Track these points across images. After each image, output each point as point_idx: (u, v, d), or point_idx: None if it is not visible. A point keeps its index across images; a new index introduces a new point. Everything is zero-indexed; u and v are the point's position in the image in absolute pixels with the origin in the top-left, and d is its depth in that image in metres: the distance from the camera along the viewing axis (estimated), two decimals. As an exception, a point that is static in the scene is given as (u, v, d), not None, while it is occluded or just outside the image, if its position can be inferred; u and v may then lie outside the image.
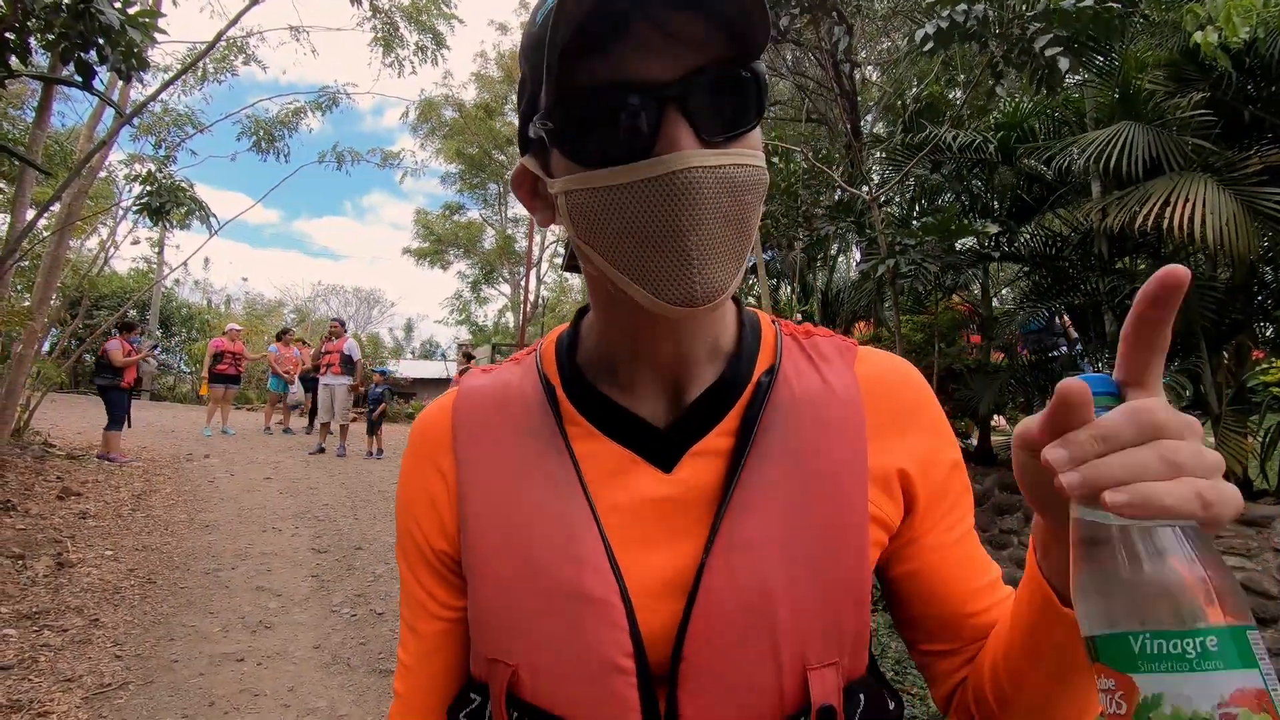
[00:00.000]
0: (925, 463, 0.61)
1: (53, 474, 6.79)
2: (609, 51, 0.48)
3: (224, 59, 9.53)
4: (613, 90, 0.48)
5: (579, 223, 0.52)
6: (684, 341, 0.58)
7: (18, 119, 7.54)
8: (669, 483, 0.57)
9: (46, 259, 6.88)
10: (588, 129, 0.50)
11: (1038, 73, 3.84)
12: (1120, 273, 4.73)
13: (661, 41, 0.48)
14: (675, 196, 0.47)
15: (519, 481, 0.59)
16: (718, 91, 0.49)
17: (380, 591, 4.73)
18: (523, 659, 0.55)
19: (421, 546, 0.64)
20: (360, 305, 39.00)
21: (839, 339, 0.66)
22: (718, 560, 0.53)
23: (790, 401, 0.59)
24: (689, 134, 0.48)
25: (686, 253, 0.48)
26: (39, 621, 3.74)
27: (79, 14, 3.65)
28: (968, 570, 0.62)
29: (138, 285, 16.54)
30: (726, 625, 0.53)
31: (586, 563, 0.54)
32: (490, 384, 0.65)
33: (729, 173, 0.49)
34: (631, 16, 0.47)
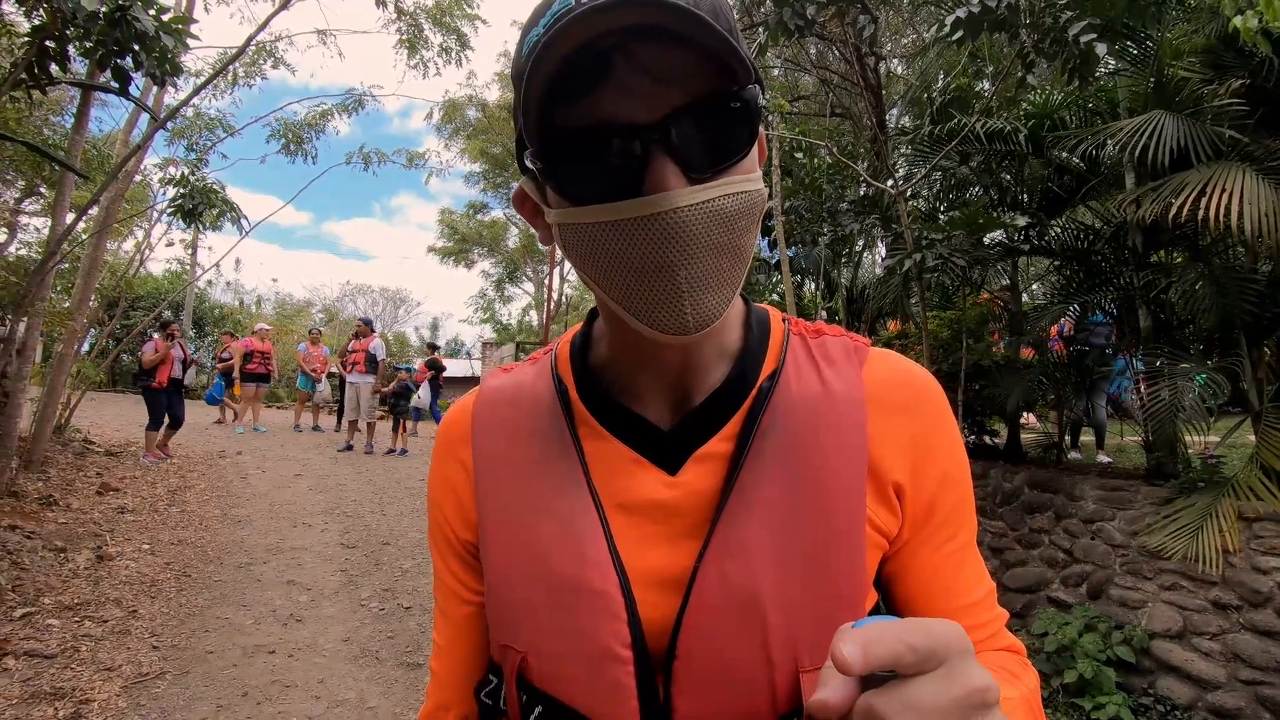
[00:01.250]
0: (920, 471, 0.61)
1: (92, 470, 6.99)
2: (593, 92, 0.48)
3: (253, 63, 9.70)
4: (599, 132, 0.48)
5: (572, 254, 0.54)
6: (688, 352, 0.59)
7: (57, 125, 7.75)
8: (672, 485, 0.58)
9: (85, 261, 7.07)
10: (575, 168, 0.50)
11: (1070, 62, 3.75)
12: (1155, 266, 4.60)
13: (644, 80, 0.48)
14: (663, 236, 0.48)
15: (529, 477, 0.61)
16: (705, 126, 0.49)
17: (407, 586, 4.80)
18: (530, 646, 0.58)
19: (448, 536, 0.67)
20: (387, 305, 39.54)
21: (850, 339, 0.65)
22: (712, 563, 0.55)
23: (789, 406, 0.59)
24: (675, 173, 0.48)
25: (677, 287, 0.49)
26: (80, 612, 3.85)
27: (116, 21, 3.75)
28: (955, 587, 0.63)
29: (172, 286, 16.93)
30: (718, 624, 0.54)
31: (589, 557, 0.56)
32: (507, 383, 0.68)
33: (718, 204, 0.49)
34: (613, 56, 0.47)
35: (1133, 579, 3.86)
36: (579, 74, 0.47)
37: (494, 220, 28.03)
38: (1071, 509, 4.30)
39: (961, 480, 0.63)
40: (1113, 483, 4.22)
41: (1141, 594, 3.80)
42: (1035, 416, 7.33)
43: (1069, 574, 4.20)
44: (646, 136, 0.48)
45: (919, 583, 0.62)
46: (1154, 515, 3.86)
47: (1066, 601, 4.13)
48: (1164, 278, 4.43)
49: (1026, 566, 4.48)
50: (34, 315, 5.56)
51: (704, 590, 0.54)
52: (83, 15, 3.62)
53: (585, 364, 0.65)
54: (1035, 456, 5.58)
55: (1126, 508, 4.03)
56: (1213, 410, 3.95)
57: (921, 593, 0.62)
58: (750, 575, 0.54)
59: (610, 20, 0.45)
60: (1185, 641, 3.56)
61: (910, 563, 0.62)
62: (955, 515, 0.63)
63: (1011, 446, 5.68)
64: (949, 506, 0.62)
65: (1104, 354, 5.71)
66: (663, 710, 0.55)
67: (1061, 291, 5.36)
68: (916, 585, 0.62)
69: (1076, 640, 3.67)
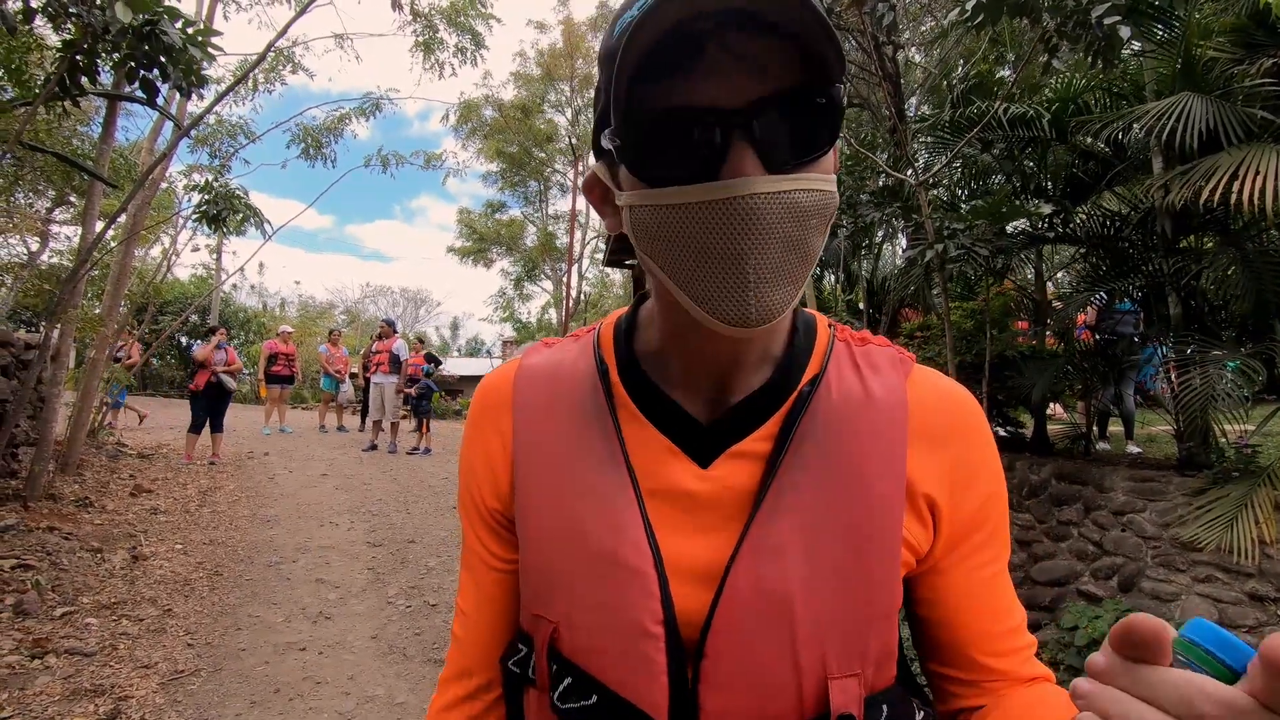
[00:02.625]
0: (958, 493, 0.60)
1: (126, 472, 7.15)
2: (682, 74, 0.48)
3: (273, 69, 9.84)
4: (683, 114, 0.49)
5: (640, 237, 0.53)
6: (737, 350, 0.58)
7: (85, 135, 7.91)
8: (704, 478, 0.58)
9: (114, 268, 7.22)
10: (655, 149, 0.50)
11: (1094, 45, 3.68)
12: (1185, 252, 4.50)
13: (734, 66, 0.48)
14: (737, 221, 0.48)
15: (569, 454, 0.62)
16: (788, 118, 0.49)
17: (433, 584, 4.85)
18: (562, 617, 0.58)
19: (478, 503, 0.68)
20: (408, 305, 39.94)
21: (895, 350, 0.65)
22: (744, 561, 0.55)
23: (830, 411, 0.59)
24: (754, 161, 0.48)
25: (744, 276, 0.49)
26: (117, 611, 3.95)
27: (144, 35, 3.83)
28: (988, 614, 0.62)
29: (198, 291, 17.25)
30: (748, 624, 0.54)
31: (626, 534, 0.57)
32: (549, 360, 0.68)
33: (794, 198, 0.49)
34: (706, 40, 0.47)
35: (1165, 571, 3.79)
36: (669, 56, 0.47)
37: (512, 219, 28.18)
38: (1101, 500, 4.23)
39: (1000, 505, 0.63)
40: (1143, 473, 4.15)
41: (1175, 586, 3.73)
42: (1062, 407, 7.21)
43: (1099, 567, 4.13)
44: (729, 122, 0.48)
45: (952, 605, 0.62)
46: (1186, 506, 3.79)
47: (1097, 595, 4.07)
48: (1194, 263, 4.33)
49: (1055, 559, 4.42)
50: (67, 322, 5.69)
51: (735, 589, 0.54)
52: (115, 28, 3.71)
53: (629, 348, 0.65)
54: (1062, 448, 5.49)
55: (1158, 499, 3.96)
56: (1247, 398, 3.86)
57: (955, 616, 0.62)
58: (782, 578, 0.54)
59: (706, 3, 0.45)
60: (1221, 634, 3.49)
61: (941, 584, 0.62)
62: (993, 539, 0.62)
63: (1038, 437, 5.60)
64: (987, 530, 0.62)
65: (1132, 342, 5.61)
66: (690, 703, 0.55)
67: (1087, 279, 5.26)
68: (950, 607, 0.62)
69: (1107, 634, 3.61)
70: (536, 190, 27.59)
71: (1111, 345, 5.61)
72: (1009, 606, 0.63)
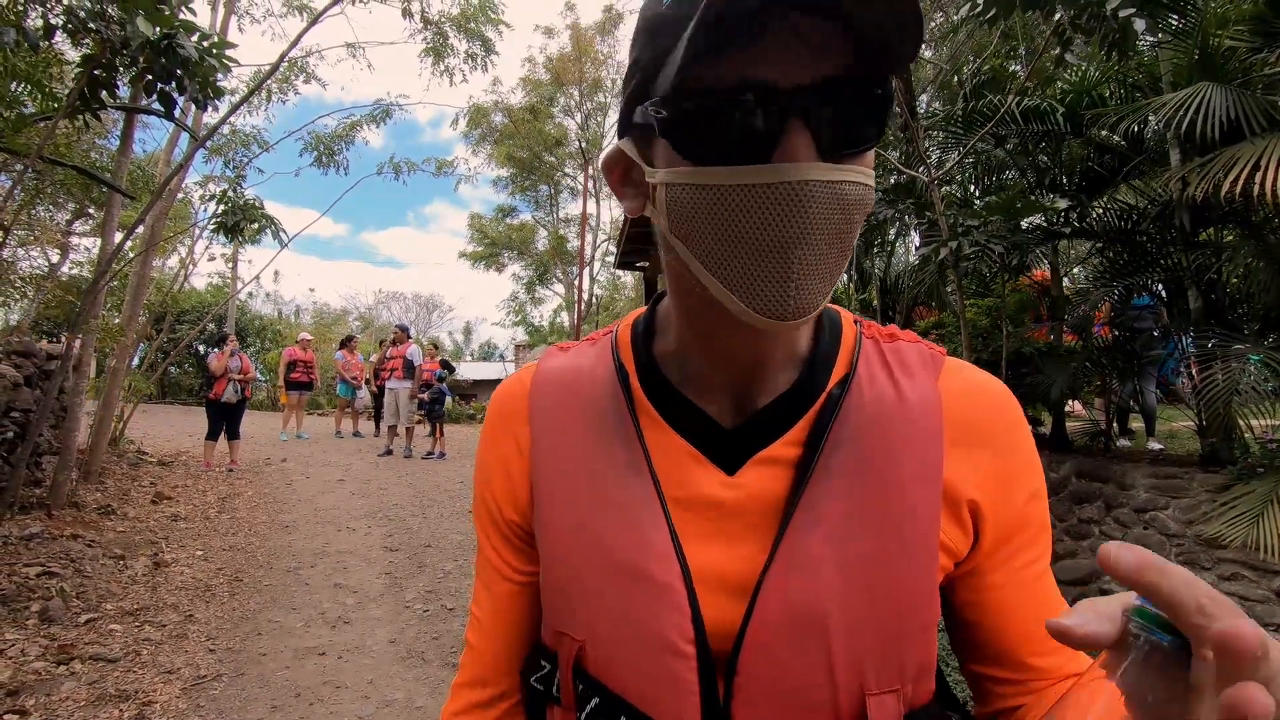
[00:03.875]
0: (1000, 494, 0.57)
1: (146, 480, 7.25)
2: (742, 50, 0.46)
3: (285, 79, 9.93)
4: (740, 91, 0.46)
5: (676, 217, 0.50)
6: (763, 349, 0.56)
7: (103, 148, 8.04)
8: (731, 486, 0.56)
9: (133, 278, 7.33)
10: (705, 125, 0.47)
11: (1109, 37, 3.64)
12: (1205, 245, 4.44)
13: (797, 47, 0.46)
14: (788, 207, 0.46)
15: (591, 464, 0.59)
16: (845, 106, 0.47)
17: (450, 588, 4.87)
18: (589, 634, 0.56)
19: (494, 513, 0.66)
20: (420, 310, 40.19)
21: (925, 346, 0.62)
22: (777, 576, 0.53)
23: (862, 415, 0.56)
24: (809, 146, 0.46)
25: (789, 265, 0.47)
26: (140, 617, 4.00)
27: (163, 49, 3.89)
28: (1033, 613, 0.59)
29: (214, 299, 17.45)
30: (782, 641, 0.52)
31: (653, 548, 0.55)
32: (566, 365, 0.66)
33: (843, 190, 0.47)
34: (770, 18, 0.45)
35: (1190, 569, 3.73)
36: (733, 30, 0.45)
37: (522, 223, 28.28)
38: (1122, 498, 4.17)
39: (1041, 502, 0.60)
40: (1165, 470, 4.09)
41: (1200, 585, 3.67)
42: (1080, 404, 7.13)
43: (1122, 565, 4.08)
44: (788, 104, 0.46)
45: (997, 607, 0.59)
46: (1210, 503, 3.73)
47: (1120, 593, 4.01)
48: (1215, 257, 4.27)
49: (1077, 559, 4.37)
50: (88, 333, 5.78)
51: (768, 604, 0.52)
52: (136, 42, 3.77)
53: (648, 351, 0.63)
54: (1082, 445, 5.43)
55: (1181, 496, 3.90)
56: (1275, 391, 3.79)
57: (1000, 619, 0.59)
58: (816, 592, 0.52)
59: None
60: (1248, 633, 3.43)
61: (985, 585, 0.59)
62: (1038, 537, 0.60)
63: (1057, 435, 5.54)
64: (1032, 530, 0.60)
65: (1151, 337, 5.53)
66: (722, 718, 0.53)
67: (1105, 274, 5.20)
68: (995, 610, 0.59)
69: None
70: (547, 194, 27.69)
71: (1130, 341, 5.54)
72: (1054, 603, 0.61)
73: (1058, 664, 0.59)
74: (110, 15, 3.88)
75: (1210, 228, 4.64)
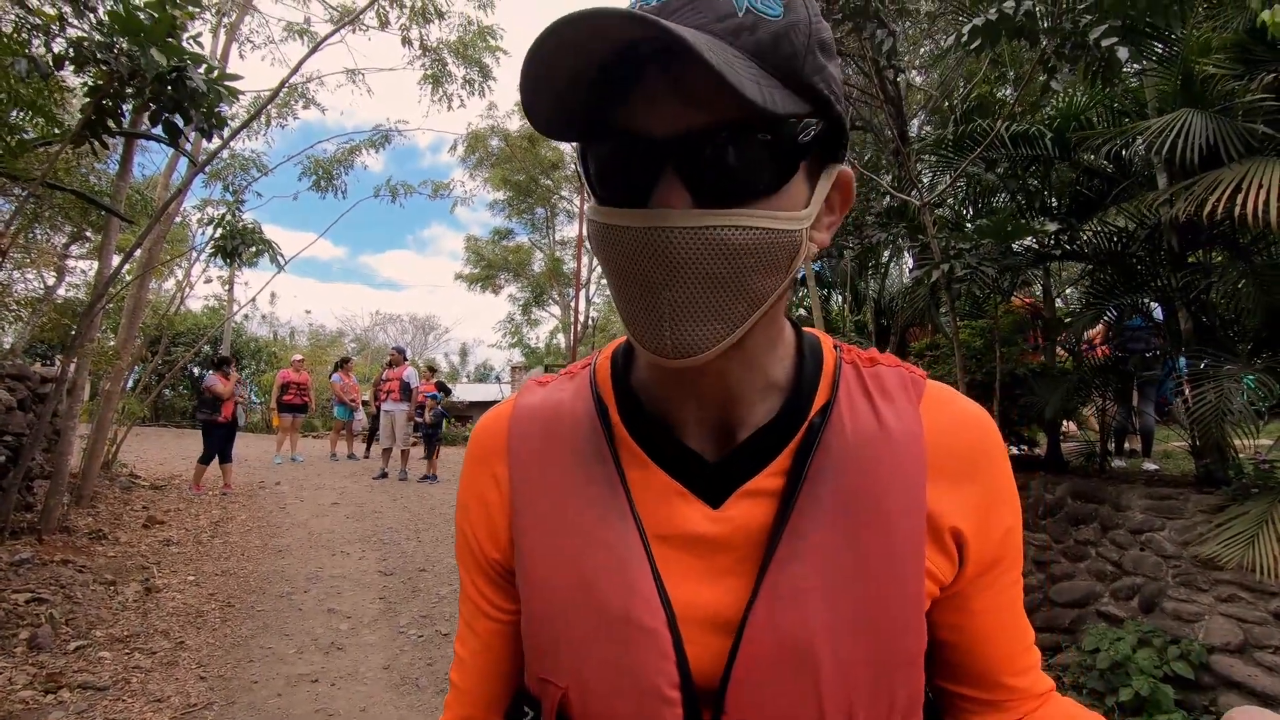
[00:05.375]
0: (982, 523, 0.58)
1: (139, 503, 7.19)
2: (626, 97, 0.48)
3: (286, 104, 10.05)
4: (622, 138, 0.49)
5: (593, 248, 0.54)
6: (726, 382, 0.56)
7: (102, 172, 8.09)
8: (716, 520, 0.55)
9: (129, 301, 7.34)
10: (601, 168, 0.51)
11: (1093, 65, 3.72)
12: (1194, 267, 4.49)
13: (670, 95, 0.47)
14: (651, 251, 0.47)
15: (571, 503, 0.58)
16: (725, 153, 0.47)
17: (445, 613, 4.82)
18: (572, 680, 0.55)
19: (475, 552, 0.65)
20: (417, 332, 40.19)
21: (906, 370, 0.62)
22: (762, 609, 0.52)
23: (844, 444, 0.56)
24: (681, 193, 0.47)
25: (659, 307, 0.48)
26: (130, 644, 3.95)
27: (171, 81, 3.97)
28: (1011, 636, 0.62)
29: (210, 322, 17.43)
30: (769, 676, 0.52)
31: (637, 591, 0.54)
32: (545, 401, 0.65)
33: (719, 235, 0.47)
34: (648, 64, 0.47)
35: (1187, 591, 3.73)
36: (614, 81, 0.48)
37: (518, 245, 28.42)
38: (1118, 519, 4.17)
39: (1019, 529, 0.62)
40: (1161, 491, 4.10)
41: (1197, 606, 3.66)
42: (1075, 425, 7.15)
43: (1119, 587, 4.07)
44: (659, 152, 0.47)
45: (977, 630, 0.61)
46: (1206, 524, 3.73)
47: (1118, 616, 3.99)
48: (1204, 278, 4.32)
49: (1074, 580, 4.35)
50: (83, 356, 5.77)
51: (754, 638, 0.52)
52: (151, 74, 3.84)
53: (626, 384, 0.62)
54: (1077, 465, 5.43)
55: (1176, 517, 3.90)
56: (1262, 412, 3.82)
57: (980, 642, 0.61)
58: (803, 625, 0.51)
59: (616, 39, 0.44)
60: (1247, 656, 3.41)
61: (966, 608, 0.60)
62: (1017, 564, 0.62)
63: (1052, 455, 5.55)
64: (1011, 556, 0.61)
65: (1145, 358, 5.57)
66: None
67: (1096, 295, 5.25)
68: (975, 633, 0.61)
69: (1131, 656, 3.54)
70: (543, 217, 27.88)
71: (1124, 361, 5.58)
72: (1024, 624, 0.64)
73: (1030, 683, 0.62)
74: (120, 47, 3.95)
75: (1199, 249, 4.70)
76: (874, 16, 4.41)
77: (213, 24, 8.53)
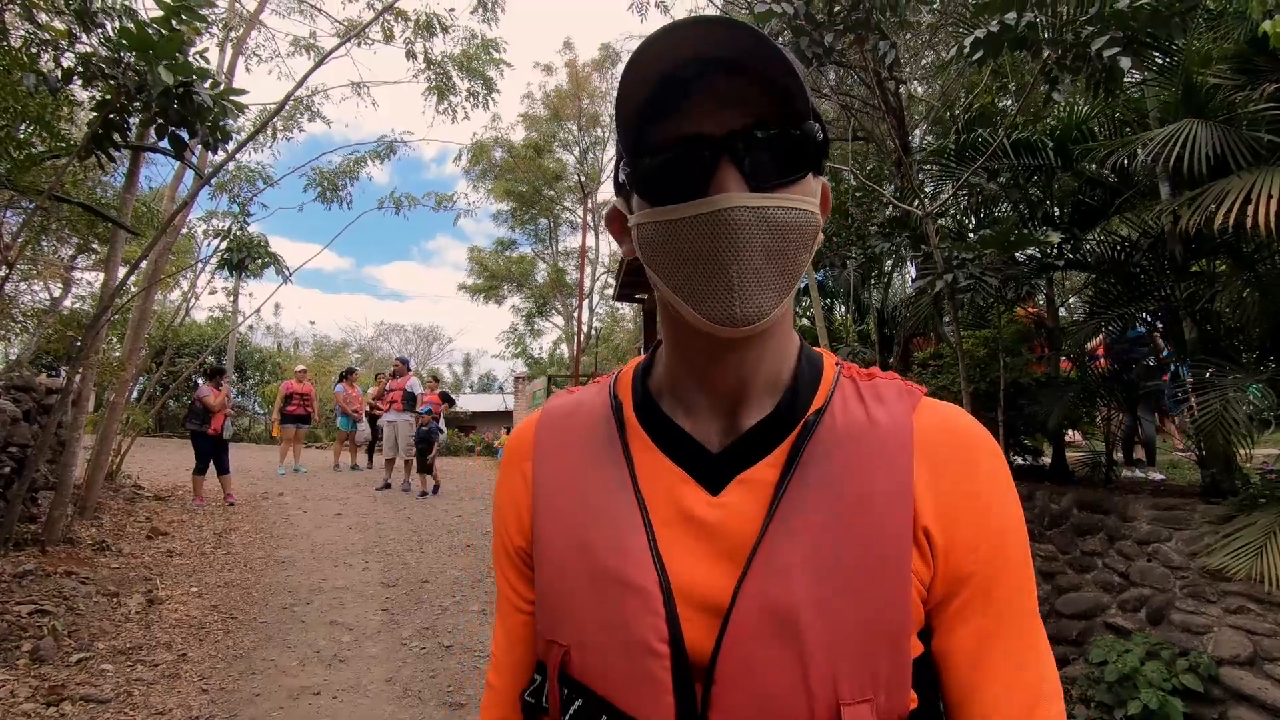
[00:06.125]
0: (957, 523, 0.58)
1: (142, 515, 7.19)
2: (677, 112, 0.57)
3: (291, 117, 10.11)
4: (677, 144, 0.57)
5: (645, 250, 0.60)
6: (743, 371, 0.62)
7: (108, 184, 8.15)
8: (714, 505, 0.60)
9: (135, 313, 7.37)
10: (657, 174, 0.58)
11: (1095, 76, 3.73)
12: (1197, 276, 4.48)
13: (718, 103, 0.56)
14: (720, 231, 0.55)
15: (582, 482, 0.65)
16: (766, 145, 0.56)
17: (447, 625, 4.80)
18: (573, 639, 0.60)
19: (506, 544, 0.71)
20: (420, 343, 40.25)
21: (903, 384, 0.66)
22: (752, 582, 0.56)
23: (834, 436, 0.61)
24: (737, 179, 0.55)
25: (729, 279, 0.55)
26: (133, 656, 3.94)
27: (177, 96, 4.01)
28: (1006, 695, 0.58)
29: (215, 333, 17.50)
30: (757, 649, 0.55)
31: (630, 552, 0.59)
32: (569, 401, 0.74)
33: (772, 213, 0.55)
34: (693, 85, 0.57)
35: (1195, 602, 3.69)
36: (666, 97, 0.57)
37: (522, 256, 28.52)
38: (1125, 530, 4.15)
39: (1019, 559, 0.60)
40: (1167, 501, 4.07)
41: (1206, 618, 3.63)
42: (1080, 434, 7.11)
43: (1126, 598, 4.03)
44: (715, 147, 0.55)
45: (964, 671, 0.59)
46: (1213, 534, 3.70)
47: (1125, 628, 3.96)
48: (1208, 287, 4.31)
49: (1080, 591, 4.32)
50: (88, 367, 5.79)
51: (743, 612, 0.55)
52: (157, 90, 3.90)
53: (644, 384, 0.69)
54: (1083, 475, 5.40)
55: (1183, 527, 3.87)
56: (1268, 422, 3.79)
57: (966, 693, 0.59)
58: (790, 600, 0.55)
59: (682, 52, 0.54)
60: (1257, 668, 3.38)
61: (952, 636, 0.59)
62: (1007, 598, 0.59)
63: (1057, 466, 5.52)
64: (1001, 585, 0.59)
65: (1147, 369, 5.55)
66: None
67: (1100, 305, 5.23)
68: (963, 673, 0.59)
69: (1139, 669, 3.51)
70: (547, 228, 27.98)
71: (1128, 370, 5.55)
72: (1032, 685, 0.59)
73: None
74: (127, 63, 3.99)
75: (1203, 259, 4.69)
76: (875, 28, 4.43)
77: (219, 39, 8.62)
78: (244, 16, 8.87)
